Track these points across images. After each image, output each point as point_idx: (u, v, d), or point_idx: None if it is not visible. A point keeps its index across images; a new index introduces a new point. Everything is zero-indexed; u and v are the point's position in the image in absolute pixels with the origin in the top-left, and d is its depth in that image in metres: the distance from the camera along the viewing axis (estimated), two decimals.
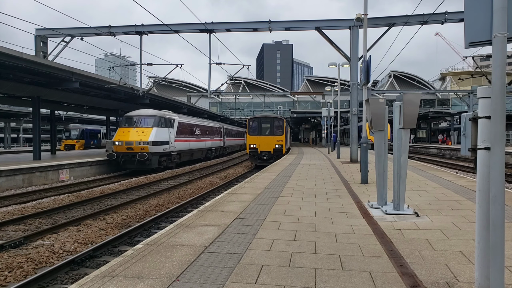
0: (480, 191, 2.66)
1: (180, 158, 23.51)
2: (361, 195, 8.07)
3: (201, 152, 28.43)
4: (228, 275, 3.44)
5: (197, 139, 26.65)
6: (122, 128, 20.16)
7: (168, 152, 21.11)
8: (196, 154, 27.15)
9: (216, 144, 32.90)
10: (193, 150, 26.12)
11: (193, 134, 25.73)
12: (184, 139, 23.93)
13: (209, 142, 30.14)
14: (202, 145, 28.26)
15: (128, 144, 19.14)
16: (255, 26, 19.32)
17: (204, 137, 28.75)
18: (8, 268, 5.55)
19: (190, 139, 25.04)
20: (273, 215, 5.97)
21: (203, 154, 29.47)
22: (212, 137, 31.45)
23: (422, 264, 3.71)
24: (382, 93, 54.52)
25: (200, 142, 27.50)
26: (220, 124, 36.48)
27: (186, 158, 25.02)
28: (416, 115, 5.55)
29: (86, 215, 8.98)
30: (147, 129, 19.63)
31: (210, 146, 30.73)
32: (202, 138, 27.99)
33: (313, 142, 56.81)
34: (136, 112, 20.83)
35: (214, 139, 32.18)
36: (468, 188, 8.75)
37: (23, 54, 14.70)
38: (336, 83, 29.74)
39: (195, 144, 26.16)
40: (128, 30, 20.01)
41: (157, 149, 19.60)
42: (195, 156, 27.17)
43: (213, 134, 31.89)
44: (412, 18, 17.45)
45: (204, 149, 28.86)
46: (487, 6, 2.50)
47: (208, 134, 30.10)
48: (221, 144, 35.33)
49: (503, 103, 2.40)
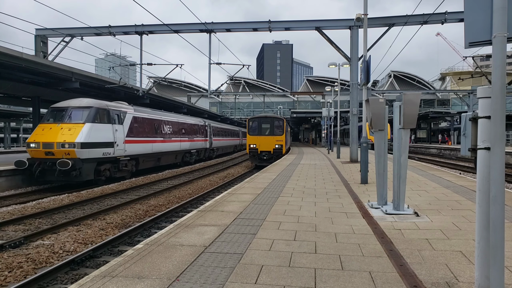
0: (480, 191, 2.66)
1: (137, 165, 17.98)
2: (361, 195, 8.07)
3: (174, 155, 22.97)
4: (228, 275, 3.44)
5: (166, 139, 21.23)
6: (43, 125, 14.32)
7: (113, 158, 15.60)
8: (166, 158, 21.78)
9: (198, 145, 27.44)
10: (160, 154, 20.62)
11: (159, 132, 20.40)
12: (143, 139, 18.34)
13: (186, 142, 24.71)
14: (175, 147, 22.76)
15: (46, 147, 13.42)
16: (255, 26, 19.33)
17: (179, 136, 23.43)
18: (8, 268, 5.55)
19: (154, 139, 19.60)
20: (273, 215, 5.97)
21: (179, 158, 24.01)
22: (192, 136, 26.12)
23: (422, 264, 3.71)
24: (382, 93, 54.50)
25: (172, 143, 22.08)
26: (205, 121, 30.71)
27: (149, 164, 19.54)
28: (416, 115, 5.55)
29: (86, 215, 8.97)
30: (75, 126, 13.88)
31: (189, 147, 25.27)
32: (175, 138, 22.62)
33: (313, 142, 56.83)
34: (66, 102, 15.07)
35: (196, 139, 26.80)
36: (468, 188, 8.75)
37: (23, 54, 14.72)
38: (336, 83, 29.75)
39: (162, 146, 20.74)
40: (128, 30, 20.03)
41: (91, 153, 14.04)
42: (165, 161, 21.71)
43: (194, 133, 26.65)
44: (412, 18, 17.45)
45: (179, 151, 23.53)
46: (487, 6, 2.50)
47: (186, 133, 24.89)
48: (206, 145, 29.93)
49: (503, 103, 2.40)
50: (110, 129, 15.52)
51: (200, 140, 28.14)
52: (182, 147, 23.94)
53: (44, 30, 20.65)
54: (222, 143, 36.57)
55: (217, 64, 21.29)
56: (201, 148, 28.55)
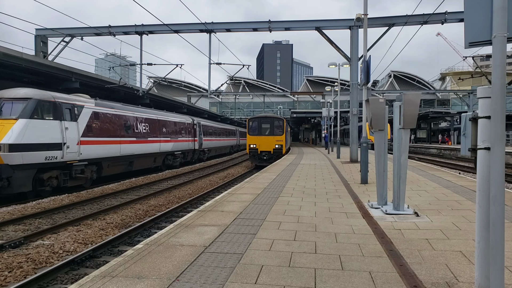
0: (480, 191, 2.66)
1: (99, 171, 14.95)
2: (361, 195, 8.07)
3: (152, 158, 19.74)
4: (228, 275, 3.44)
5: (140, 139, 18.05)
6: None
7: (62, 163, 12.55)
8: (141, 162, 18.52)
9: (183, 146, 24.27)
10: (133, 157, 17.36)
11: (131, 131, 17.26)
12: (107, 139, 15.24)
13: (168, 143, 21.53)
14: (153, 148, 19.58)
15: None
16: (255, 26, 19.34)
17: (159, 136, 20.36)
18: (8, 268, 5.55)
19: (123, 139, 16.36)
20: (273, 215, 5.97)
21: (158, 161, 20.82)
22: (176, 136, 23.05)
23: (422, 264, 3.71)
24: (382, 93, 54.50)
25: (148, 144, 18.88)
26: (193, 118, 27.52)
27: (117, 170, 16.33)
28: (416, 115, 5.56)
29: (86, 215, 8.97)
30: (5, 122, 10.93)
31: (171, 149, 22.15)
32: (153, 138, 19.51)
33: (313, 142, 56.84)
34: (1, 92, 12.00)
35: (181, 139, 23.71)
36: (468, 188, 8.75)
37: (23, 54, 14.73)
38: (336, 83, 29.76)
39: (135, 148, 17.44)
40: (128, 30, 20.03)
41: (26, 158, 11.01)
42: (140, 165, 18.44)
43: (178, 132, 23.52)
44: (412, 18, 17.46)
45: (158, 153, 20.39)
46: (487, 6, 2.50)
47: (168, 133, 21.83)
48: (194, 145, 26.65)
49: (503, 103, 2.40)
50: (58, 127, 12.37)
51: (187, 140, 25.02)
52: (162, 148, 20.84)
53: (44, 30, 20.66)
54: (215, 143, 33.43)
55: (217, 64, 21.30)
56: (188, 150, 25.35)
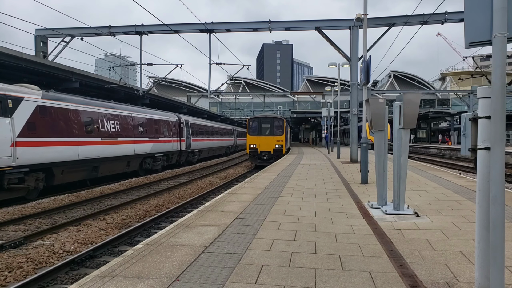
0: (480, 191, 2.66)
1: (49, 179, 12.39)
2: (361, 195, 8.07)
3: (124, 162, 16.82)
4: (228, 275, 3.44)
5: (108, 139, 15.18)
6: None
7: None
8: (110, 166, 15.62)
9: (167, 147, 21.27)
10: (98, 161, 14.60)
11: (94, 130, 14.44)
12: (59, 140, 12.57)
13: (146, 144, 18.58)
14: (126, 150, 16.67)
15: None
16: (255, 26, 19.34)
17: (134, 136, 17.41)
18: (8, 268, 5.55)
19: (81, 140, 13.56)
20: (273, 215, 5.97)
21: (134, 165, 17.84)
22: (157, 135, 20.03)
23: (422, 264, 3.71)
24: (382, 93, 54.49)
25: (119, 146, 16.01)
26: (180, 116, 24.39)
27: (75, 177, 13.62)
28: (416, 115, 5.56)
29: (86, 215, 8.97)
30: None
31: (150, 151, 19.18)
32: (124, 139, 16.50)
33: (313, 142, 56.83)
34: None
35: (163, 139, 20.67)
36: (468, 188, 8.75)
37: (23, 54, 14.74)
38: (336, 83, 29.76)
39: (101, 150, 14.69)
40: (128, 30, 20.03)
41: None
42: (108, 171, 15.59)
43: (160, 131, 20.50)
44: (412, 18, 17.45)
45: (133, 156, 17.40)
46: (487, 6, 2.50)
47: (147, 132, 18.86)
48: (180, 146, 23.44)
49: (503, 103, 2.40)
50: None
51: (171, 141, 21.97)
52: (138, 150, 17.86)
53: (44, 30, 20.65)
54: (207, 144, 30.06)
55: (217, 64, 21.30)
56: (173, 151, 22.46)
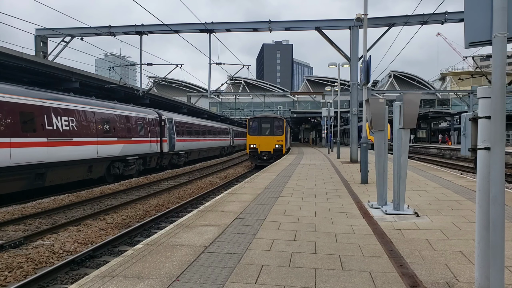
0: (480, 191, 2.66)
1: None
2: (361, 195, 8.07)
3: (84, 167, 14.01)
4: (228, 275, 3.44)
5: (56, 140, 12.31)
6: None
7: None
8: (63, 173, 12.86)
9: (141, 148, 18.40)
10: (40, 166, 11.69)
11: (34, 129, 11.56)
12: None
13: (112, 145, 15.80)
14: (85, 153, 13.86)
15: None
16: (255, 26, 19.33)
17: (95, 135, 14.56)
18: (8, 268, 5.55)
19: (14, 141, 10.78)
20: (273, 215, 5.97)
21: (98, 171, 15.02)
22: (129, 135, 17.27)
23: (422, 264, 3.71)
24: (382, 93, 54.49)
25: (72, 147, 13.16)
26: (161, 113, 21.59)
27: (8, 188, 10.85)
28: (416, 115, 5.56)
29: (86, 215, 8.97)
30: None
31: (120, 153, 16.38)
32: (81, 139, 13.66)
33: (313, 142, 56.84)
34: None
35: (136, 139, 17.87)
36: (468, 188, 8.74)
37: (23, 54, 14.74)
38: (336, 83, 29.75)
39: (43, 153, 11.77)
40: (128, 30, 20.02)
41: None
42: (61, 178, 12.84)
43: (132, 130, 17.64)
44: (412, 18, 17.45)
45: (97, 160, 14.72)
46: (487, 6, 2.50)
47: (115, 131, 16.08)
48: (161, 147, 20.87)
49: (503, 103, 2.40)
50: None
51: (148, 141, 19.13)
52: (103, 152, 15.10)
53: (44, 30, 20.65)
54: (197, 144, 26.83)
55: (217, 64, 21.29)
56: (151, 153, 19.59)
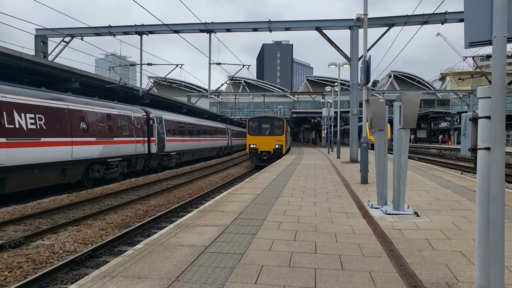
0: (480, 191, 2.66)
1: None
2: (361, 195, 8.07)
3: (54, 171, 12.29)
4: (228, 275, 3.44)
5: (14, 140, 10.60)
6: None
7: None
8: (26, 178, 11.22)
9: (125, 149, 16.46)
10: (8, 170, 10.46)
11: None
12: None
13: (90, 146, 14.05)
14: (56, 154, 12.21)
15: None
16: (255, 26, 19.33)
17: (69, 135, 12.83)
18: (8, 268, 5.55)
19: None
20: (273, 215, 5.97)
21: (72, 174, 13.24)
22: (110, 135, 15.37)
23: (422, 264, 3.71)
24: (382, 93, 54.52)
25: (40, 149, 11.54)
26: (148, 110, 19.74)
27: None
28: (416, 115, 5.56)
29: (86, 215, 8.97)
30: None
31: (99, 155, 14.55)
32: (52, 139, 12.02)
33: (313, 142, 56.83)
34: None
35: (118, 139, 15.85)
36: (468, 188, 8.74)
37: (23, 54, 14.73)
38: (336, 83, 29.75)
39: (10, 155, 10.45)
40: (128, 30, 20.02)
41: None
42: (23, 184, 11.20)
43: (114, 130, 15.69)
44: (412, 18, 17.45)
45: (71, 163, 12.95)
46: (487, 6, 2.50)
47: (93, 130, 14.32)
48: (149, 148, 19.01)
49: (503, 103, 2.40)
50: None
51: (133, 141, 17.22)
52: (79, 153, 13.36)
53: (44, 30, 20.65)
54: (190, 145, 24.94)
55: (217, 64, 21.29)
56: (137, 154, 17.64)
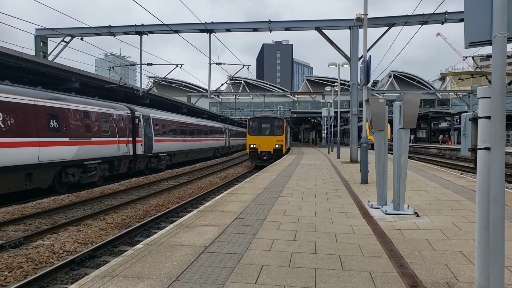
0: (480, 191, 2.66)
1: None
2: (361, 195, 8.07)
3: (17, 177, 10.87)
4: (228, 275, 3.44)
5: None
6: None
7: None
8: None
9: (105, 151, 14.66)
10: None
11: None
12: None
13: (62, 148, 12.31)
14: (19, 157, 10.70)
15: None
16: (255, 26, 19.33)
17: (35, 135, 11.27)
18: (8, 268, 5.55)
19: None
20: (273, 215, 5.97)
21: (40, 179, 11.73)
22: (88, 135, 13.73)
23: (422, 264, 3.71)
24: (382, 93, 54.50)
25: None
26: (132, 108, 17.65)
27: None
28: (416, 115, 5.55)
29: (86, 215, 8.97)
30: None
31: (73, 157, 12.79)
32: (8, 139, 10.36)
33: (313, 142, 56.83)
34: None
35: (97, 139, 14.19)
36: (468, 188, 8.74)
37: (23, 54, 14.73)
38: (336, 83, 29.75)
39: None
40: (128, 30, 20.01)
41: None
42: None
43: (92, 129, 14.04)
44: (412, 18, 17.45)
45: (38, 166, 11.40)
46: (487, 6, 2.50)
47: (66, 130, 12.61)
48: (134, 149, 17.10)
49: (503, 103, 2.40)
50: None
51: (116, 142, 15.21)
52: (48, 156, 11.73)
53: (44, 30, 20.64)
54: (182, 145, 23.29)
55: (217, 64, 21.29)
56: (120, 156, 15.51)
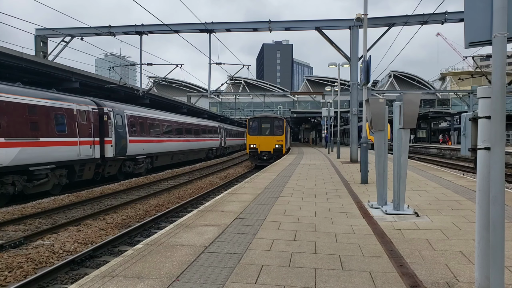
0: (480, 191, 2.66)
1: None
2: (361, 195, 8.07)
3: None
4: (228, 275, 3.44)
5: None
6: None
7: None
8: None
9: (56, 153, 12.45)
10: None
11: None
12: None
13: (8, 149, 10.49)
14: None
15: None
16: (255, 26, 19.32)
17: None
18: (8, 268, 5.55)
19: None
20: (273, 215, 5.97)
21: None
22: (28, 134, 11.35)
23: (422, 264, 3.71)
24: (382, 93, 54.50)
25: None
26: (101, 104, 15.50)
27: None
28: (416, 115, 5.56)
29: (86, 215, 8.97)
30: None
31: (10, 162, 10.59)
32: None
33: (313, 142, 56.84)
34: None
35: (50, 140, 12.22)
36: (468, 188, 8.74)
37: (23, 54, 14.72)
38: (336, 83, 29.75)
39: None
40: (128, 30, 20.01)
41: None
42: None
43: (33, 127, 11.55)
44: (412, 18, 17.45)
45: None
46: (487, 6, 2.50)
47: (21, 129, 11.07)
48: (103, 152, 15.18)
49: (503, 103, 2.40)
50: None
51: (75, 143, 13.44)
52: None
53: (44, 30, 20.63)
54: (167, 146, 21.09)
55: (217, 64, 21.29)
56: (82, 159, 13.81)
